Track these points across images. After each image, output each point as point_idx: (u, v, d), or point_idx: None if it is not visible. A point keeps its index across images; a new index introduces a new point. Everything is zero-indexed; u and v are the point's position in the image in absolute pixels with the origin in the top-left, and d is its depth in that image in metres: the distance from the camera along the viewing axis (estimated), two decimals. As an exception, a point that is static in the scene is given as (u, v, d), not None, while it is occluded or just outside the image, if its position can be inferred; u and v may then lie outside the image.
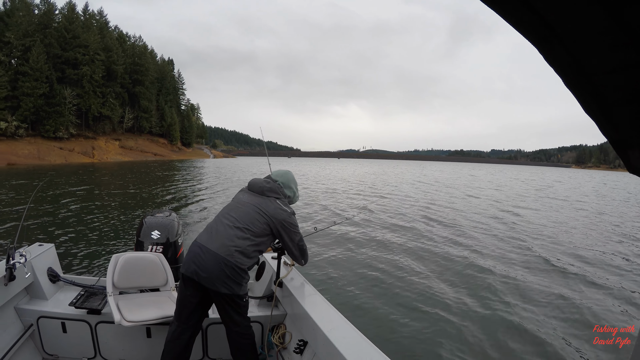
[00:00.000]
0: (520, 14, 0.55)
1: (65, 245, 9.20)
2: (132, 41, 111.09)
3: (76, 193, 20.70)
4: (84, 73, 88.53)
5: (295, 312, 3.29)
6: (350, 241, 10.61)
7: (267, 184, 3.10)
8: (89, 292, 3.53)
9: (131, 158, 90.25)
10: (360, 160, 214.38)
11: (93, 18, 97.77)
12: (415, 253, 9.69)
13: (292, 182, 3.29)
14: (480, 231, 13.12)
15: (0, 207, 15.15)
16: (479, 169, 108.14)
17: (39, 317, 3.28)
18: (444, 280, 7.72)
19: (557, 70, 0.61)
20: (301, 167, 74.33)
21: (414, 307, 6.30)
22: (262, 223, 2.92)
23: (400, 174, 56.43)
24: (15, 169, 50.96)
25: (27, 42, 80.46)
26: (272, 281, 3.60)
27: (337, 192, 26.19)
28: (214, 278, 2.74)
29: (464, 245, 10.78)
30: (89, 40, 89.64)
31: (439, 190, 30.29)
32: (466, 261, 9.14)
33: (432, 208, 18.69)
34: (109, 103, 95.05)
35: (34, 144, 77.55)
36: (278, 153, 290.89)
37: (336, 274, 7.81)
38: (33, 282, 3.39)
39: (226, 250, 2.77)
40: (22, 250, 3.35)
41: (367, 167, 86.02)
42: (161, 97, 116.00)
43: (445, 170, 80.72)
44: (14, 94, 77.86)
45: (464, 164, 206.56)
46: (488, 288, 7.27)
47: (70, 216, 13.36)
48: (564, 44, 0.55)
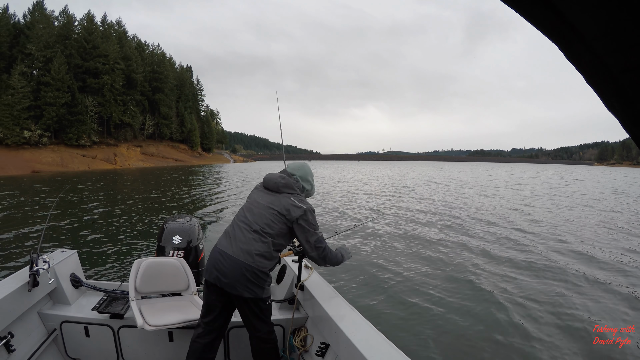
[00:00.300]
0: (539, 12, 0.54)
1: (87, 251, 9.35)
2: (151, 49, 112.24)
3: (98, 199, 20.98)
4: (105, 82, 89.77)
5: (316, 314, 3.29)
6: (370, 243, 10.64)
7: (282, 180, 3.01)
8: (111, 297, 3.57)
9: (153, 164, 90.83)
10: (379, 162, 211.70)
11: (112, 28, 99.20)
12: (433, 254, 9.72)
13: (309, 174, 3.19)
14: (486, 229, 13.24)
15: (24, 214, 15.55)
16: (498, 168, 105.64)
17: (62, 322, 3.33)
18: (459, 280, 7.76)
19: (578, 68, 0.60)
20: (320, 169, 73.95)
21: (436, 308, 6.29)
22: (278, 222, 2.88)
23: (417, 176, 55.66)
24: (39, 176, 52.12)
25: (48, 53, 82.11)
26: (294, 284, 3.61)
27: (355, 194, 26.01)
28: (235, 283, 2.74)
29: (470, 244, 10.85)
30: (109, 50, 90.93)
31: (455, 191, 29.63)
32: (474, 259, 9.28)
33: (447, 209, 18.59)
34: (130, 111, 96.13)
35: (57, 151, 78.98)
36: (298, 156, 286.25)
37: (357, 276, 7.81)
38: (56, 288, 3.45)
39: (246, 254, 2.75)
40: (45, 256, 3.38)
41: (385, 169, 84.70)
42: (181, 103, 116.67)
43: (463, 171, 78.27)
44: (36, 103, 79.49)
45: (484, 163, 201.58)
46: (486, 287, 7.33)
47: (92, 222, 13.60)
48: (584, 42, 0.54)
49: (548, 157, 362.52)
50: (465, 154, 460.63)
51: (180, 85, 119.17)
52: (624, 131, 0.60)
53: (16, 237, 11.22)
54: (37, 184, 34.69)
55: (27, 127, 76.78)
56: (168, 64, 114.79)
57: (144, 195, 24.34)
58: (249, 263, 2.74)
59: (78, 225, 12.90)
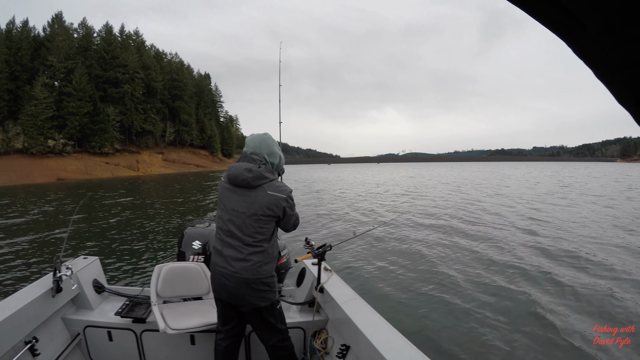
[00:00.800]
0: (545, 8, 0.54)
1: (109, 257, 9.40)
2: (169, 58, 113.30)
3: (120, 206, 21.39)
4: (125, 91, 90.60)
5: (336, 317, 3.24)
6: (389, 245, 10.64)
7: (249, 174, 2.69)
8: (133, 302, 3.59)
9: (174, 170, 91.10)
10: (399, 164, 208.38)
11: (130, 38, 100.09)
12: (450, 254, 9.75)
13: (272, 145, 2.86)
14: (495, 228, 13.28)
15: (48, 221, 15.99)
16: (517, 167, 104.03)
17: (86, 327, 3.38)
18: (476, 278, 7.84)
19: (587, 63, 0.59)
20: (339, 172, 73.73)
21: (456, 309, 6.27)
22: (267, 224, 2.72)
23: (436, 177, 55.00)
24: (64, 184, 53.48)
25: (69, 64, 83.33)
26: (313, 287, 3.57)
27: (374, 196, 26.16)
28: (247, 298, 2.70)
29: (484, 241, 11.08)
30: (128, 60, 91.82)
31: (469, 191, 29.39)
32: (485, 256, 9.45)
33: (463, 209, 18.55)
34: (151, 118, 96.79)
35: (81, 159, 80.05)
36: (318, 160, 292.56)
37: (377, 278, 7.78)
38: (79, 294, 3.49)
39: (247, 270, 2.65)
40: (68, 263, 3.43)
41: (403, 171, 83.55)
42: (200, 110, 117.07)
43: (482, 171, 77.32)
44: (59, 113, 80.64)
45: (504, 163, 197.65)
46: (487, 285, 7.41)
47: (114, 229, 13.74)
48: (590, 37, 0.54)
49: (570, 155, 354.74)
50: (485, 153, 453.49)
51: (199, 92, 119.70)
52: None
53: (40, 243, 11.46)
54: (62, 191, 36.06)
55: (51, 137, 78.11)
56: (186, 71, 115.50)
57: (165, 201, 24.81)
58: (254, 277, 2.64)
59: (100, 231, 13.10)
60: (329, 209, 19.23)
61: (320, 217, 16.15)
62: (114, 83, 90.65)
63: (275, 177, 2.84)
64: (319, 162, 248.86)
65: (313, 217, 16.25)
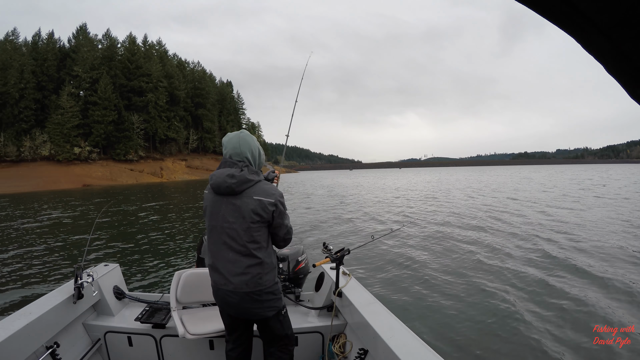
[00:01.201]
0: (553, 5, 0.54)
1: (129, 264, 9.41)
2: (191, 67, 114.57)
3: (142, 212, 21.37)
4: (149, 100, 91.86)
5: (355, 321, 3.20)
6: (407, 249, 10.53)
7: (232, 180, 2.45)
8: (153, 308, 3.60)
9: (197, 177, 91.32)
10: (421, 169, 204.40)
11: (153, 48, 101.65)
12: (463, 258, 9.63)
13: (251, 142, 2.57)
14: (500, 230, 13.27)
15: (72, 227, 16.26)
16: (539, 171, 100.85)
17: (106, 332, 3.41)
18: (476, 282, 7.68)
19: (598, 58, 0.58)
20: (360, 178, 72.55)
21: (475, 313, 6.17)
22: (260, 230, 2.51)
23: (454, 182, 53.76)
24: (90, 190, 54.19)
25: (94, 74, 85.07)
26: (332, 291, 3.54)
27: (391, 201, 25.88)
28: (253, 311, 2.60)
29: (487, 244, 11.02)
30: (152, 69, 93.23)
31: (486, 195, 28.38)
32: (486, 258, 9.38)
33: (478, 213, 18.00)
34: (174, 126, 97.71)
35: (106, 166, 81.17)
36: (340, 166, 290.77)
37: (395, 282, 7.72)
38: (100, 300, 3.53)
39: (248, 284, 2.51)
40: (89, 270, 3.50)
41: (423, 176, 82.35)
42: (223, 117, 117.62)
43: (502, 175, 75.79)
44: (85, 121, 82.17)
45: (526, 166, 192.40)
46: (488, 284, 7.42)
47: (135, 235, 13.71)
48: (602, 32, 0.53)
49: (594, 157, 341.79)
50: (508, 157, 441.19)
51: (222, 100, 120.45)
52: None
53: (63, 248, 11.64)
54: (88, 197, 36.85)
55: (77, 144, 79.78)
56: (209, 80, 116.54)
57: (186, 207, 24.84)
58: (257, 289, 2.51)
59: (121, 238, 13.09)
60: (347, 213, 19.07)
61: (339, 222, 16.03)
62: (138, 92, 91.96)
63: (260, 177, 2.56)
64: (341, 168, 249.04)
65: (332, 221, 16.16)
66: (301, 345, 3.44)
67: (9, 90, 76.37)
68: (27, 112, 79.22)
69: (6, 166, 73.31)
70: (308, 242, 11.44)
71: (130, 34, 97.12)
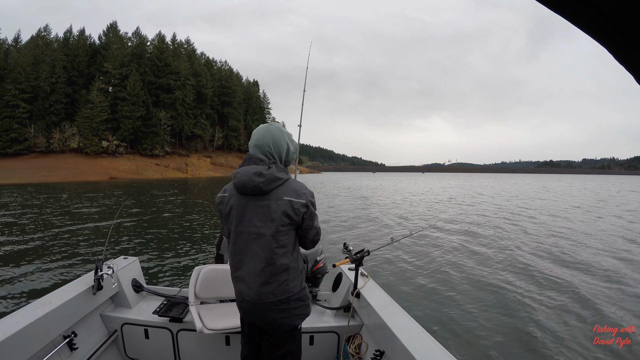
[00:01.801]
0: (582, 12, 0.53)
1: (149, 257, 9.54)
2: (219, 65, 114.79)
3: (164, 208, 21.59)
4: (177, 97, 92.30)
5: (372, 322, 3.20)
6: (425, 251, 10.59)
7: (260, 179, 2.19)
8: (171, 302, 3.63)
9: (222, 174, 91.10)
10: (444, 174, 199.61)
11: (181, 47, 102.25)
12: (485, 262, 9.69)
13: (281, 136, 2.32)
14: (519, 237, 13.29)
15: (94, 219, 16.39)
16: (559, 180, 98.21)
17: (123, 324, 3.44)
18: (486, 285, 7.72)
19: (628, 68, 0.57)
20: (383, 181, 72.31)
21: (491, 316, 6.17)
22: (284, 233, 2.26)
23: (477, 187, 53.94)
24: (116, 182, 55.52)
25: (124, 71, 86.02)
26: (349, 292, 3.54)
27: (411, 204, 26.13)
28: (282, 321, 2.36)
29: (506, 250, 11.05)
30: (180, 67, 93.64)
31: (510, 202, 27.86)
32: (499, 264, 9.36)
33: (500, 221, 17.82)
34: (200, 123, 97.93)
35: (132, 160, 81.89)
36: (363, 168, 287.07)
37: (414, 284, 7.71)
38: (118, 292, 3.57)
39: (276, 293, 2.30)
40: (109, 262, 3.48)
41: (446, 181, 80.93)
42: (248, 116, 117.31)
43: (519, 183, 73.67)
44: (114, 116, 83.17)
45: (550, 175, 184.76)
46: (490, 283, 7.63)
47: (156, 229, 13.82)
48: (630, 40, 0.53)
49: (621, 168, 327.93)
50: (533, 165, 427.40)
51: (248, 99, 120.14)
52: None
53: (86, 238, 11.90)
54: (114, 189, 38.15)
55: (105, 138, 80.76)
56: (235, 79, 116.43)
57: (207, 203, 24.95)
58: (284, 297, 2.30)
59: (141, 232, 13.19)
60: (368, 215, 19.02)
61: (360, 223, 15.95)
62: (166, 89, 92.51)
63: (289, 176, 2.34)
64: (364, 170, 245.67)
65: (353, 222, 16.09)
66: (317, 344, 3.41)
67: (40, 84, 77.96)
68: (58, 105, 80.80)
69: (35, 156, 74.94)
70: (328, 241, 11.20)
71: (160, 32, 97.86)
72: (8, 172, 57.86)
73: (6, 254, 9.89)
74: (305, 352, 3.02)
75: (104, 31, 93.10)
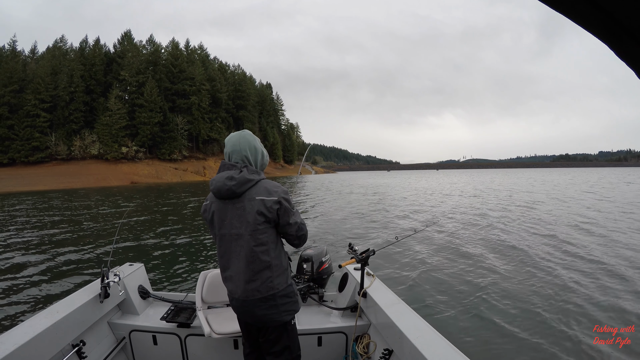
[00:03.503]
0: (585, 10, 0.52)
1: (154, 263, 9.17)
2: (232, 69, 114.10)
3: (171, 213, 20.92)
4: (193, 102, 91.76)
5: (379, 321, 3.14)
6: (430, 249, 10.39)
7: (232, 182, 2.31)
8: (178, 307, 3.56)
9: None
10: (458, 170, 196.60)
11: (195, 52, 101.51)
12: (489, 258, 9.41)
13: (251, 141, 2.44)
14: (505, 230, 13.26)
15: (102, 224, 16.04)
16: (572, 173, 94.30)
17: (131, 331, 3.38)
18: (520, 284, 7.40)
19: (630, 65, 0.57)
20: (395, 179, 70.79)
21: (495, 313, 6.04)
22: (262, 232, 2.33)
23: (488, 182, 52.58)
24: (137, 187, 55.85)
25: (140, 78, 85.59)
26: (356, 292, 3.49)
27: (418, 201, 25.49)
28: (270, 317, 2.44)
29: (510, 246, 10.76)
30: (195, 73, 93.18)
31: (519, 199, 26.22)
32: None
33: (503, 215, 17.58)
34: (216, 127, 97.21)
35: (152, 165, 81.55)
36: (377, 167, 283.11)
37: (420, 282, 7.52)
38: (125, 299, 3.50)
39: (260, 290, 2.37)
40: (115, 270, 3.43)
41: (457, 177, 79.58)
42: (263, 118, 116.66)
43: (539, 178, 69.82)
44: (132, 123, 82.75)
45: (566, 169, 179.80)
46: (488, 288, 7.14)
47: (159, 235, 13.27)
48: (634, 37, 0.52)
49: (637, 159, 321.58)
50: (549, 159, 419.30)
51: (262, 102, 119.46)
52: None
53: (93, 245, 11.43)
54: (135, 193, 38.54)
55: (125, 144, 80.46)
56: (249, 82, 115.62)
57: None
58: (269, 293, 2.36)
59: (147, 237, 12.77)
60: (374, 213, 18.64)
61: (365, 222, 15.55)
62: (182, 94, 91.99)
63: (261, 176, 2.42)
64: (379, 169, 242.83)
65: (358, 222, 15.73)
66: (325, 345, 3.36)
67: (59, 93, 78.21)
68: (77, 114, 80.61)
69: (57, 164, 75.16)
70: (334, 242, 11.01)
71: (173, 39, 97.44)
72: (32, 180, 57.79)
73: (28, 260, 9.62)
74: (313, 353, 3.27)
75: (118, 40, 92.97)
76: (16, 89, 76.11)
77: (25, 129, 75.06)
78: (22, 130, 75.04)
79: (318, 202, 25.64)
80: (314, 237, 11.57)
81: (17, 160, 74.48)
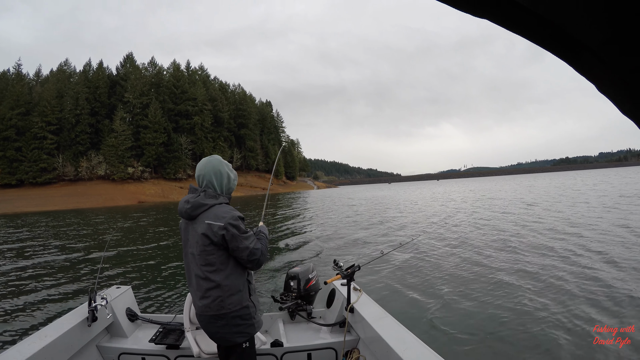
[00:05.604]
0: (539, 29, 0.53)
1: (141, 285, 8.96)
2: (232, 89, 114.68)
3: (158, 233, 20.45)
4: (195, 122, 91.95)
5: (367, 335, 3.16)
6: (416, 262, 10.08)
7: (188, 206, 2.42)
8: (166, 329, 3.53)
9: (242, 193, 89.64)
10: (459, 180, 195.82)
11: (196, 74, 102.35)
12: (478, 264, 9.42)
13: (217, 166, 2.49)
14: (506, 230, 13.71)
15: (89, 247, 15.43)
16: (570, 177, 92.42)
17: (120, 354, 3.34)
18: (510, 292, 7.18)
19: (589, 78, 0.57)
20: (392, 191, 69.23)
21: (487, 316, 6.06)
22: (209, 253, 2.36)
23: (487, 191, 50.56)
24: (143, 206, 55.62)
25: (144, 100, 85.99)
26: (343, 307, 3.49)
27: (407, 214, 24.71)
28: (222, 336, 2.48)
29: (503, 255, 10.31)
30: (196, 93, 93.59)
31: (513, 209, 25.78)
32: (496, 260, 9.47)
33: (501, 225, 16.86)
34: (219, 146, 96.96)
35: (157, 184, 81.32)
36: (379, 180, 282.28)
37: (407, 295, 7.43)
38: (113, 322, 3.47)
39: (211, 307, 2.39)
40: (102, 293, 3.42)
41: (454, 187, 78.28)
42: (264, 136, 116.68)
43: (538, 183, 69.54)
44: (137, 144, 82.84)
45: (569, 172, 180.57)
46: (487, 287, 7.39)
47: (147, 258, 12.83)
48: (591, 51, 0.52)
49: (638, 158, 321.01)
50: (549, 163, 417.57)
51: (262, 119, 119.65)
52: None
53: (83, 266, 11.35)
54: (141, 212, 37.86)
55: (130, 164, 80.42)
56: (249, 100, 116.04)
57: None
58: (221, 312, 2.38)
59: (133, 259, 12.49)
60: (363, 228, 18.04)
61: (351, 238, 15.08)
62: (185, 115, 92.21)
63: (218, 201, 2.42)
64: (380, 182, 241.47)
65: (345, 237, 15.30)
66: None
67: (65, 116, 78.36)
68: (83, 135, 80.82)
69: (65, 184, 75.20)
70: (320, 259, 10.87)
71: (174, 61, 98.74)
72: (42, 200, 57.65)
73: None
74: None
75: (121, 62, 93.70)
76: (23, 111, 76.43)
77: (32, 150, 75.07)
78: (30, 152, 75.02)
79: (311, 218, 25.30)
80: (302, 254, 11.54)
81: (26, 182, 74.40)
